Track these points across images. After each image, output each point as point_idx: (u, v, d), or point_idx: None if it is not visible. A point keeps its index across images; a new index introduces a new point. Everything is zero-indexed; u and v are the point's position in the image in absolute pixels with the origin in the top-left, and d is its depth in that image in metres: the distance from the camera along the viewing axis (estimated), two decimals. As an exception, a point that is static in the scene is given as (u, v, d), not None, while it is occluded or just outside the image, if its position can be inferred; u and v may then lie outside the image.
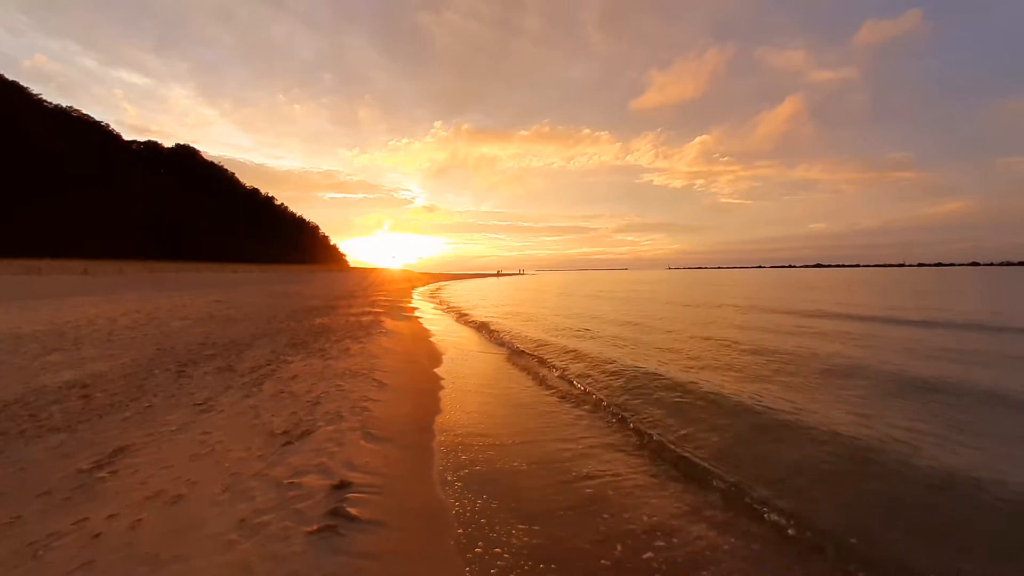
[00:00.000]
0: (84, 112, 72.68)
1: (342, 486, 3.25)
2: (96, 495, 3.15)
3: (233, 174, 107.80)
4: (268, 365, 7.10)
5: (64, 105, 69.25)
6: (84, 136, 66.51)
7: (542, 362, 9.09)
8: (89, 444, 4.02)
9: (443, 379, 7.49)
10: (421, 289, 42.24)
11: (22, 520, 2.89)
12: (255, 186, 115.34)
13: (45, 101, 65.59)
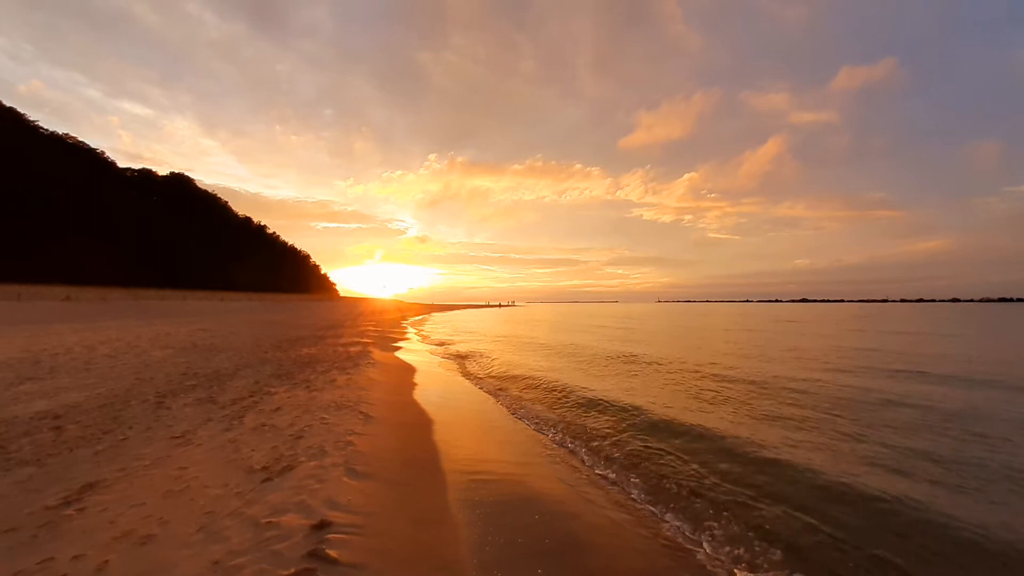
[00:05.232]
0: (80, 139, 73.11)
1: (322, 526, 3.13)
2: (62, 534, 3.00)
3: (226, 203, 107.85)
4: (251, 396, 6.93)
5: (61, 132, 69.65)
6: (78, 163, 66.52)
7: (520, 398, 8.98)
8: (58, 479, 3.85)
9: (430, 412, 7.35)
10: (412, 319, 41.90)
11: (-18, 560, 2.74)
12: (248, 215, 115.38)
13: (41, 128, 65.89)
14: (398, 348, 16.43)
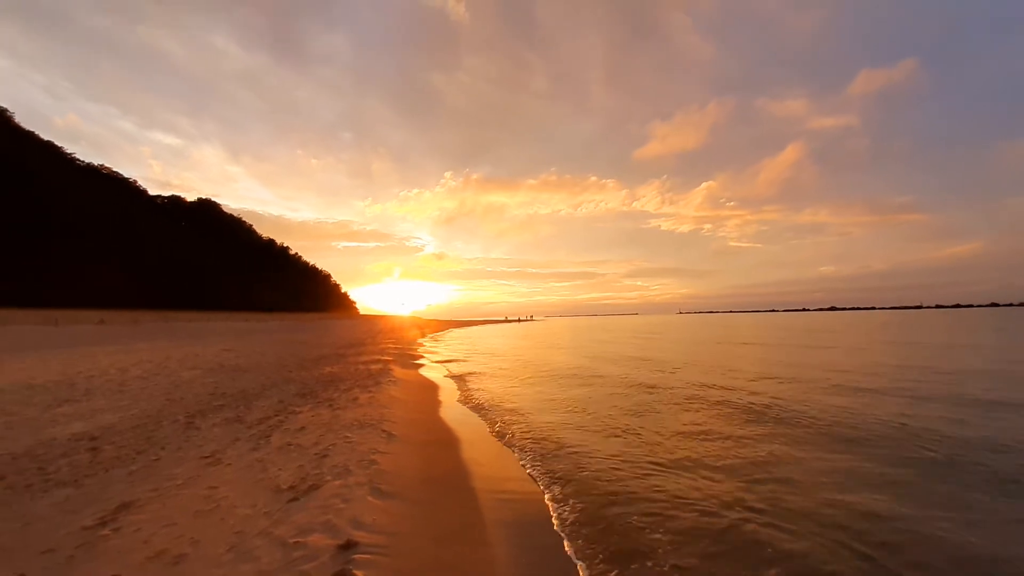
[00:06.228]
0: (114, 169, 76.90)
1: (348, 546, 3.14)
2: (98, 554, 3.08)
3: (251, 226, 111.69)
4: (276, 416, 7.04)
5: (96, 163, 73.49)
6: (112, 192, 69.90)
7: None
8: (94, 499, 3.96)
9: (450, 430, 7.35)
10: (431, 336, 42.12)
11: (23, 580, 2.82)
12: (271, 237, 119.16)
13: (78, 159, 69.65)
14: (418, 366, 16.52)
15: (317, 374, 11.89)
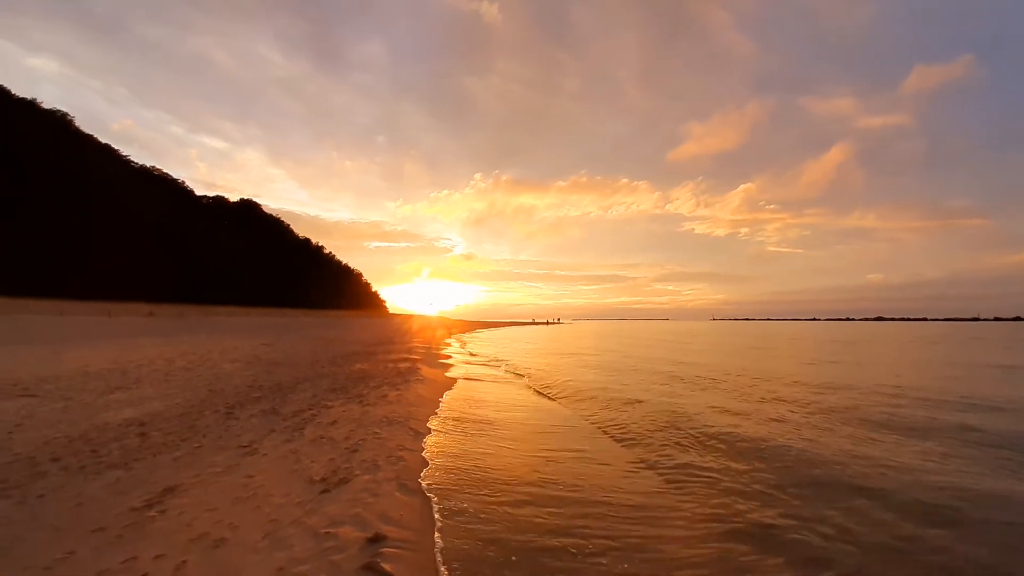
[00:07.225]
0: (165, 171, 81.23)
1: (377, 539, 3.21)
2: (145, 534, 3.25)
3: (288, 225, 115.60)
4: (310, 409, 7.27)
5: (148, 165, 77.87)
6: (162, 192, 73.90)
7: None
8: (143, 482, 4.19)
9: (478, 427, 7.39)
10: (457, 336, 42.48)
11: (75, 556, 3.00)
12: (308, 236, 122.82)
13: (132, 162, 73.94)
14: (445, 366, 16.69)
15: (348, 370, 12.20)
